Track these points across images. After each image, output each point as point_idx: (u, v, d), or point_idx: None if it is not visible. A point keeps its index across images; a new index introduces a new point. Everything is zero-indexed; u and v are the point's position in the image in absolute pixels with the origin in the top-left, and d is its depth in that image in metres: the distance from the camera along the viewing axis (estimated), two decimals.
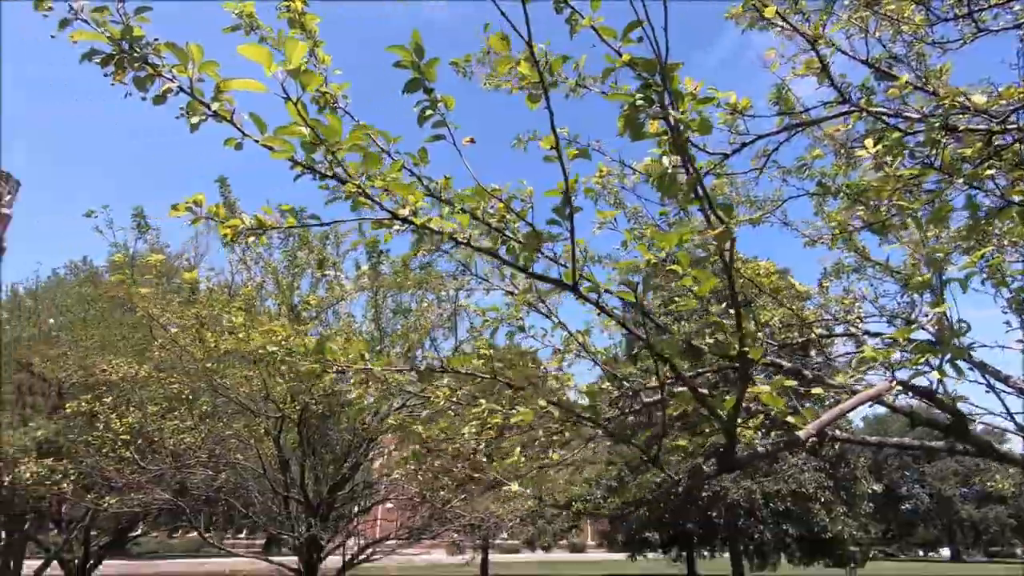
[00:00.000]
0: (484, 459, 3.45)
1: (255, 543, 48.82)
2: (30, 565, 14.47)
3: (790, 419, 1.62)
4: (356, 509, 9.94)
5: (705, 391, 2.89)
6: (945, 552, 61.71)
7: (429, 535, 10.41)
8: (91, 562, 18.97)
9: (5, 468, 7.29)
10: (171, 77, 1.29)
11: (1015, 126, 2.29)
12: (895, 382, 1.99)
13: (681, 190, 1.37)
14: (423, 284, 5.48)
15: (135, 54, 1.24)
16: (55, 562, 15.27)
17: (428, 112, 1.89)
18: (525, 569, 37.85)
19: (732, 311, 1.53)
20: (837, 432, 2.59)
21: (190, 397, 7.06)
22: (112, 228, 7.80)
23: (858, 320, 4.01)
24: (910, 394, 2.24)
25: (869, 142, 2.30)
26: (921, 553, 61.44)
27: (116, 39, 1.22)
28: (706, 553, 22.22)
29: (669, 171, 1.38)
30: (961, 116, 2.23)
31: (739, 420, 1.61)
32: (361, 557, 9.54)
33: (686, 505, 17.46)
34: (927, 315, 3.95)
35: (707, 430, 2.92)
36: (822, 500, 16.36)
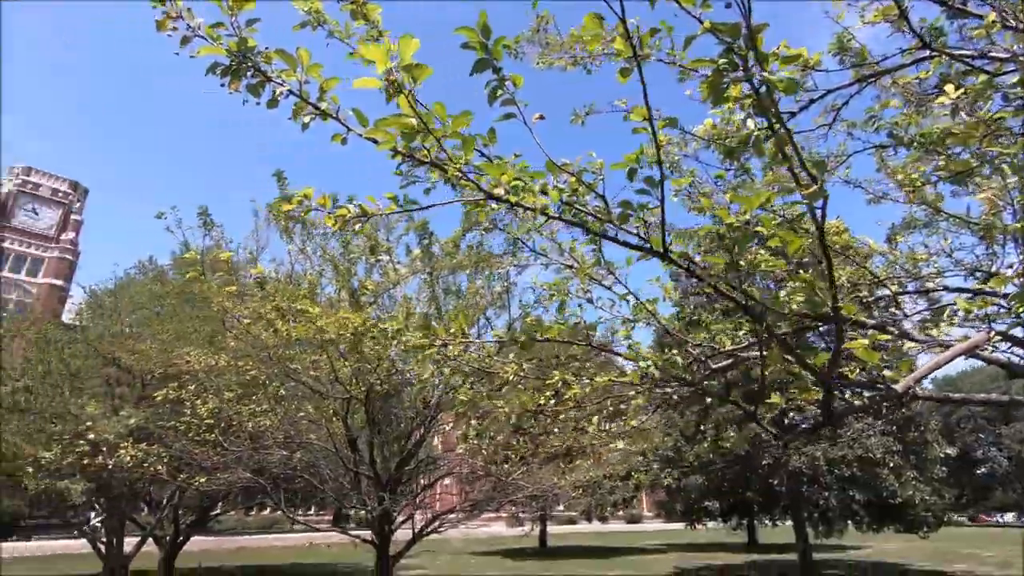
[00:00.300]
0: (556, 430, 3.56)
1: (324, 518, 51.46)
2: (128, 542, 15.78)
3: (886, 372, 1.62)
4: (422, 484, 10.36)
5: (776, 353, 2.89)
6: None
7: (492, 507, 10.76)
8: (180, 538, 20.57)
9: (108, 453, 7.99)
10: (281, 82, 1.39)
11: None
12: (993, 333, 1.94)
13: (766, 151, 1.38)
14: (479, 263, 5.57)
15: (249, 63, 1.35)
16: (149, 539, 16.61)
17: (498, 91, 1.95)
18: (584, 540, 38.51)
19: (819, 270, 1.54)
20: (917, 390, 2.54)
21: (265, 382, 7.50)
22: (181, 227, 8.26)
23: (936, 275, 3.85)
24: (1007, 345, 2.17)
25: (950, 87, 2.20)
26: (1001, 519, 58.67)
27: (234, 52, 1.33)
28: (767, 521, 21.96)
29: (755, 133, 1.39)
30: None
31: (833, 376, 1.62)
32: (429, 529, 9.97)
33: (745, 474, 17.27)
34: (1011, 265, 3.77)
35: (781, 393, 2.91)
36: (891, 465, 15.82)
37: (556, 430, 3.80)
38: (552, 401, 2.92)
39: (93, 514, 29.92)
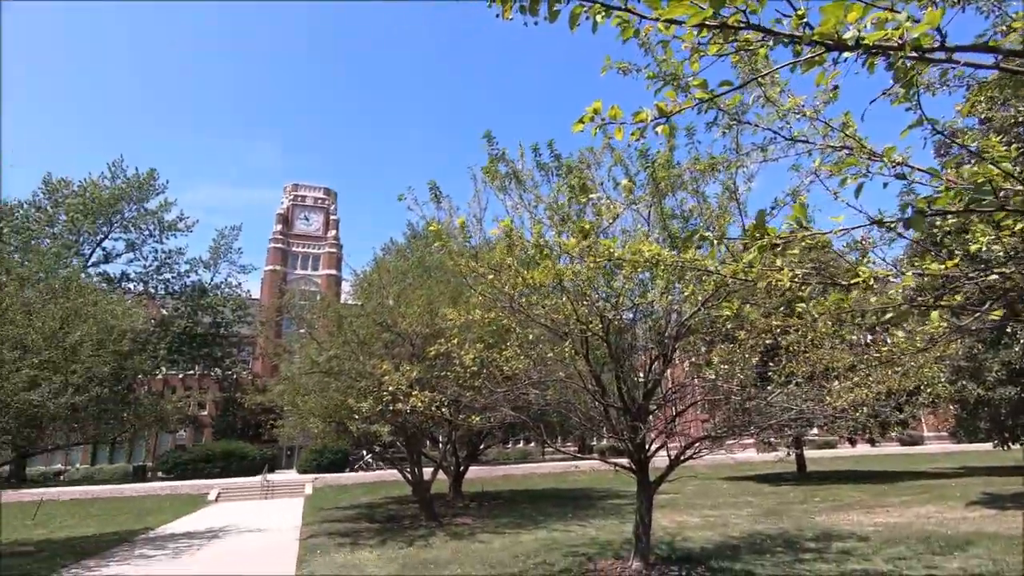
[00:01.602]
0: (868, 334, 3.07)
1: (569, 449, 55.76)
2: (424, 473, 19.11)
3: None
4: (671, 412, 10.35)
5: None
6: None
7: (748, 432, 10.27)
8: (461, 468, 24.36)
9: (404, 400, 9.70)
10: None
11: None
12: None
13: None
14: (712, 168, 4.91)
15: None
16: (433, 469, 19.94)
17: None
18: (848, 464, 34.94)
19: None
20: None
21: (514, 328, 8.18)
22: (418, 204, 9.28)
23: None
24: None
25: None
26: None
27: None
28: None
29: None
30: None
31: None
32: (685, 456, 9.97)
33: None
34: None
35: None
36: None
37: (854, 332, 3.28)
38: (867, 297, 2.47)
39: (366, 452, 38.01)
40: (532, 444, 52.64)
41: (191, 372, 43.48)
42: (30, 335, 12.96)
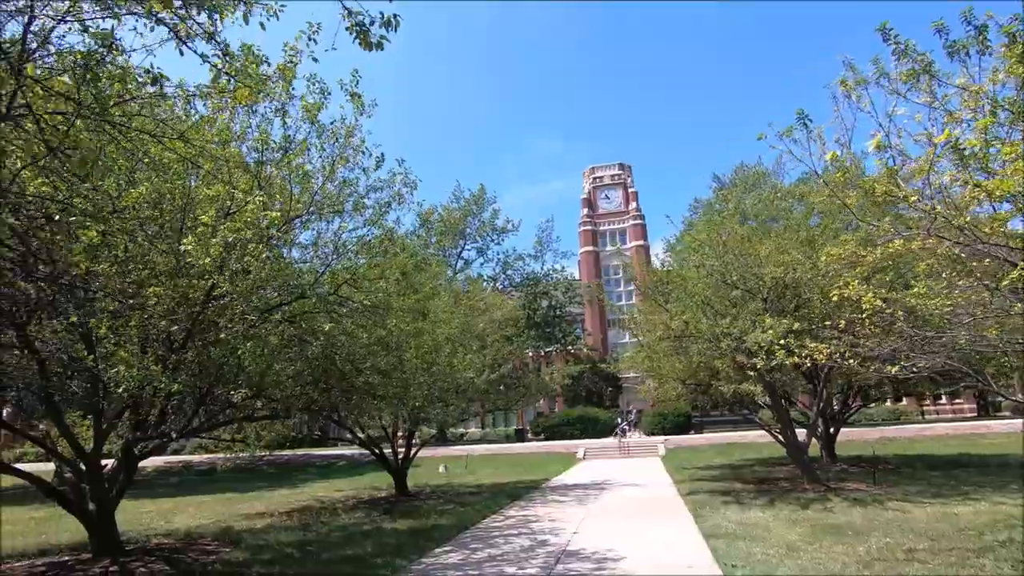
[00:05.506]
0: None
1: (961, 409, 45.24)
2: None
3: None
4: None
5: None
6: None
7: None
8: (831, 429, 21.89)
9: (798, 354, 9.16)
10: None
11: None
12: None
13: None
14: None
15: None
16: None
17: None
18: None
19: None
20: None
21: (961, 256, 6.78)
22: (783, 139, 8.51)
23: None
24: None
25: None
26: None
27: None
28: None
29: None
30: None
31: None
32: None
33: None
34: None
35: None
36: None
37: None
38: None
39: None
40: (902, 402, 44.24)
41: (538, 349, 50.55)
42: (452, 330, 16.96)
